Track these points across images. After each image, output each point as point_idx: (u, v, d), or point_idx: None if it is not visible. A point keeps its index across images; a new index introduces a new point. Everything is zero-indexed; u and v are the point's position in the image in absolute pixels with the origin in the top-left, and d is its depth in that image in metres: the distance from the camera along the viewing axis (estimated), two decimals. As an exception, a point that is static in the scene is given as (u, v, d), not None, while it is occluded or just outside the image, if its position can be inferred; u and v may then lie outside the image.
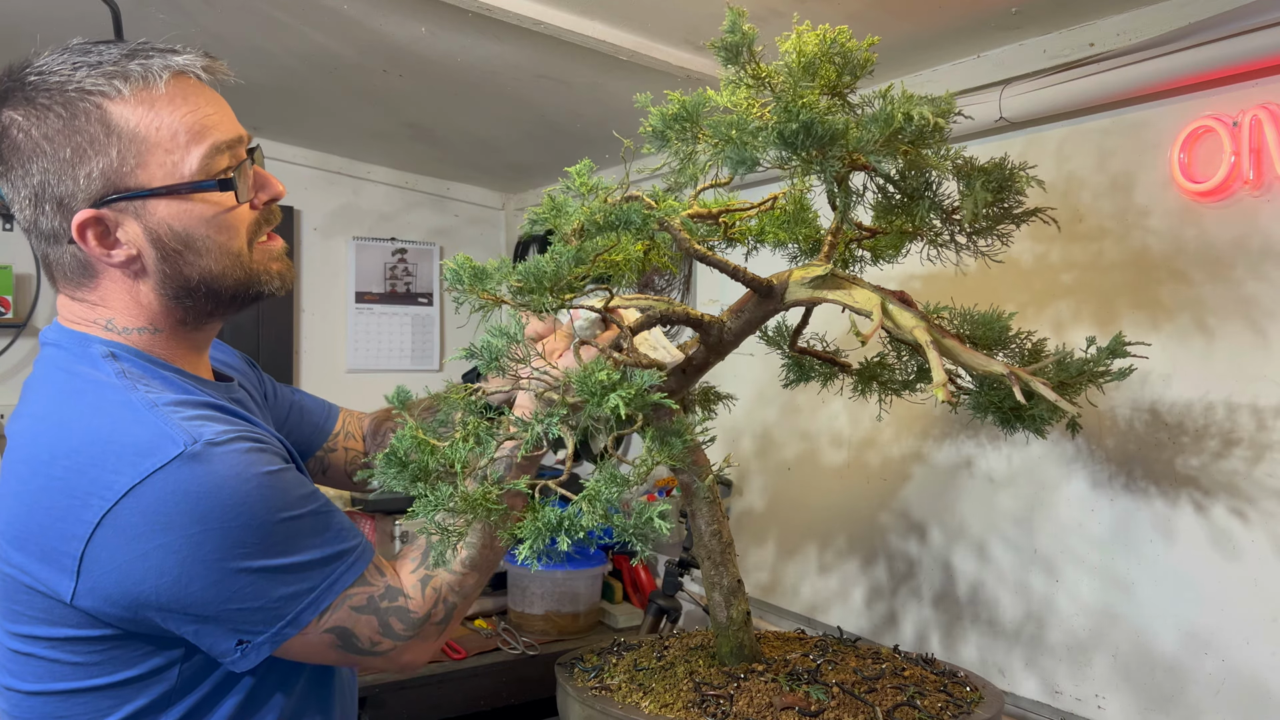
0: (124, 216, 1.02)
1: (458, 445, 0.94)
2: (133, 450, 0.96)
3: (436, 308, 3.39)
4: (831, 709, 1.17)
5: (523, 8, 1.79)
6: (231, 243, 1.07)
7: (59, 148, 0.99)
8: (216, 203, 1.04)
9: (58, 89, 1.00)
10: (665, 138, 1.02)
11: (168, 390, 1.04)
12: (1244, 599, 1.42)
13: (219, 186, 1.03)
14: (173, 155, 1.01)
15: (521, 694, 2.36)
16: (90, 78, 1.00)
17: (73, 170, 1.00)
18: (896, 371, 1.49)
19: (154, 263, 1.04)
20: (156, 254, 1.04)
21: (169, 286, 1.06)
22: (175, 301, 1.07)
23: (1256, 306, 1.42)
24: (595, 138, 2.57)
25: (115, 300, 1.07)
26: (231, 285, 1.08)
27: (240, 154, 1.07)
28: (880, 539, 2.02)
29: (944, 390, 0.88)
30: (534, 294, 0.94)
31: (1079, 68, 1.58)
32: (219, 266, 1.06)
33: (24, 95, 1.01)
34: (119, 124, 1.00)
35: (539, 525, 0.91)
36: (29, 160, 1.01)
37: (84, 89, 0.99)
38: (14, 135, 1.01)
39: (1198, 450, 1.48)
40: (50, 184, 1.01)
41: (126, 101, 1.00)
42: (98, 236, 1.02)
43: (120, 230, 1.02)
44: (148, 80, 1.01)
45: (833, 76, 1.02)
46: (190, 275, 1.05)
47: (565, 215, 1.02)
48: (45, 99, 1.00)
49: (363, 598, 1.07)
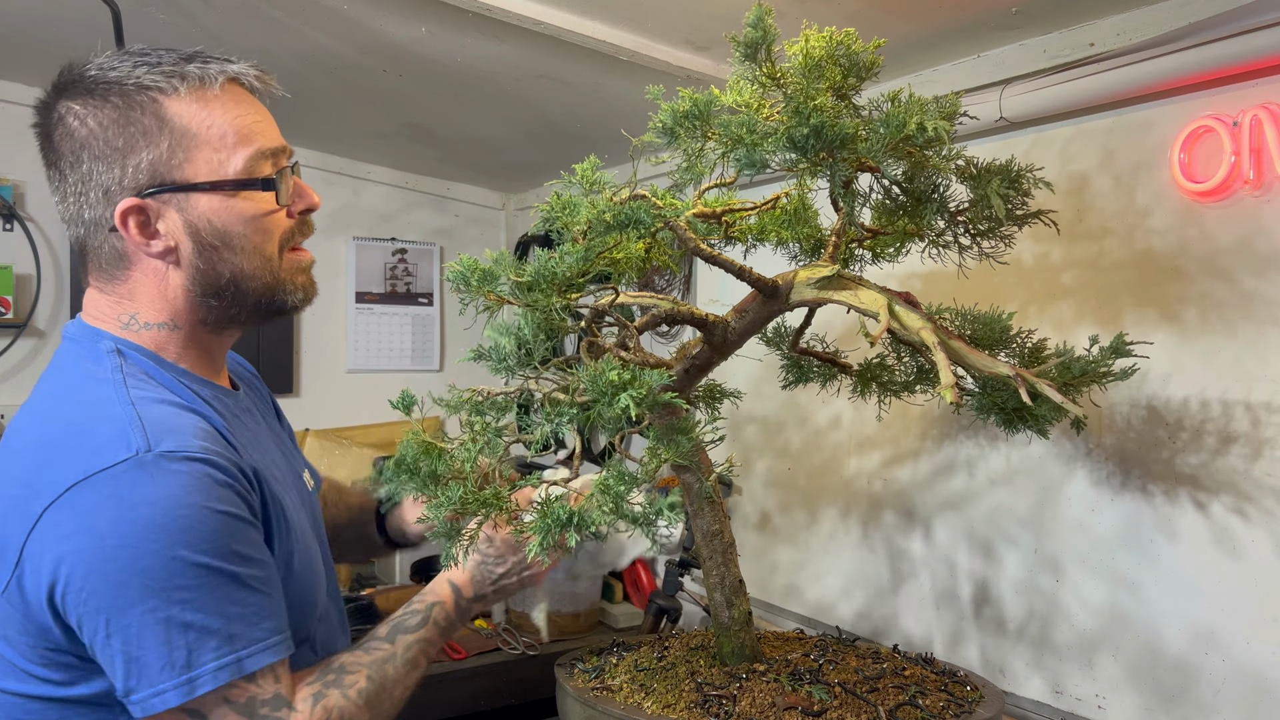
0: (166, 208, 1.05)
1: (467, 445, 0.94)
2: (90, 447, 0.95)
3: (437, 308, 3.39)
4: (834, 709, 1.17)
5: (523, 8, 1.79)
6: (265, 245, 1.09)
7: (112, 137, 1.03)
8: (256, 204, 1.08)
9: (117, 83, 1.03)
10: (675, 134, 1.02)
11: (163, 390, 1.04)
12: (1245, 598, 1.43)
13: (262, 186, 1.07)
14: (220, 154, 1.05)
15: (521, 694, 2.36)
16: (149, 75, 1.04)
17: (123, 159, 1.03)
18: (896, 373, 1.49)
19: (189, 256, 1.07)
20: (194, 247, 1.06)
21: (199, 282, 1.08)
22: (201, 299, 1.09)
23: (1257, 306, 1.42)
24: (595, 138, 2.57)
25: (143, 293, 1.09)
26: (258, 288, 1.10)
27: (282, 162, 1.11)
28: (881, 539, 2.02)
29: (952, 392, 0.88)
30: (541, 293, 0.94)
31: (1079, 67, 1.58)
32: (250, 267, 1.08)
33: (84, 87, 1.04)
34: (172, 119, 1.04)
35: (549, 521, 0.91)
36: (81, 148, 1.04)
37: (142, 84, 1.03)
38: (70, 123, 1.05)
39: (1197, 449, 1.49)
40: (99, 171, 1.04)
41: (182, 99, 1.04)
42: (139, 225, 1.04)
43: (161, 221, 1.05)
44: (204, 81, 1.05)
45: (838, 78, 1.02)
46: (222, 272, 1.08)
47: (574, 213, 1.02)
48: (104, 90, 1.03)
49: (244, 695, 0.98)
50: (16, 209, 2.70)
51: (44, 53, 2.45)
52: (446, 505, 0.96)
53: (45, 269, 2.76)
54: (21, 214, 2.71)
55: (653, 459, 0.96)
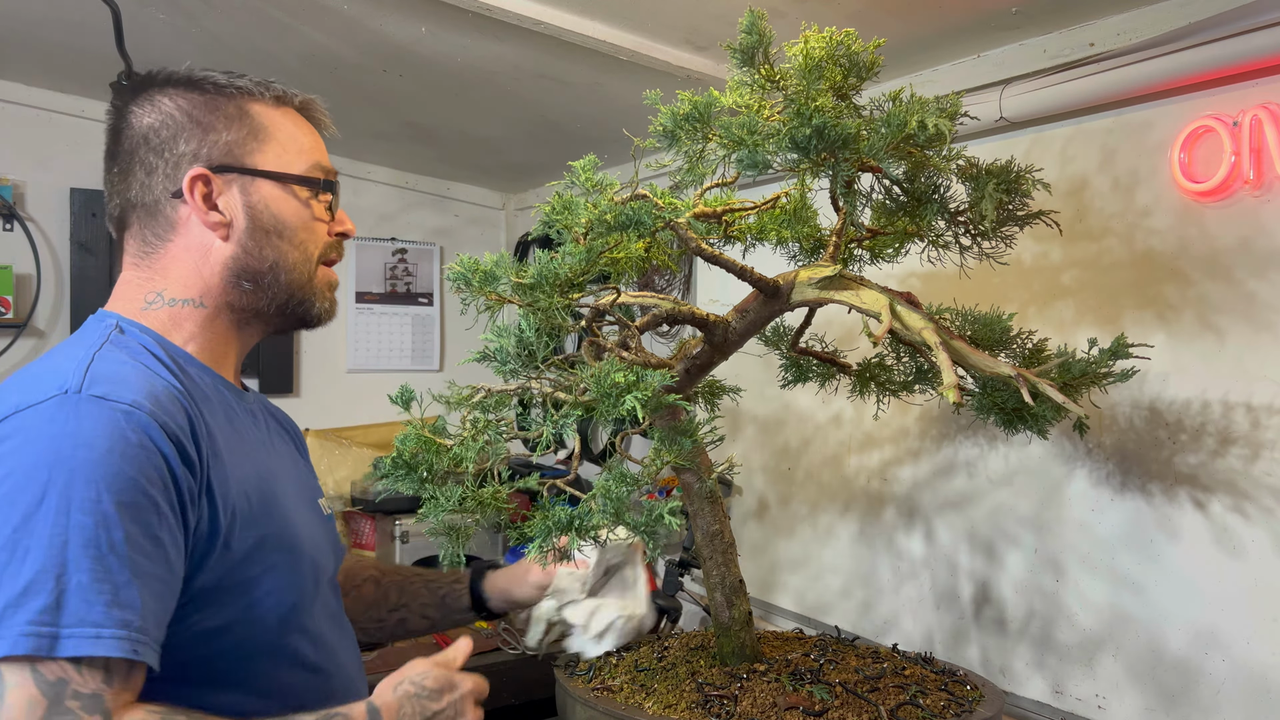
0: (230, 186, 1.13)
1: (467, 444, 0.94)
2: (30, 388, 0.95)
3: (437, 308, 3.39)
4: (835, 708, 1.17)
5: (523, 8, 1.79)
6: (309, 244, 1.17)
7: (199, 115, 1.14)
8: (309, 207, 1.17)
9: (213, 81, 1.16)
10: (675, 137, 1.02)
11: (148, 360, 1.03)
12: (1245, 598, 1.43)
13: (322, 186, 1.18)
14: (287, 153, 1.17)
15: (521, 694, 2.36)
16: (241, 81, 1.17)
17: (203, 134, 1.13)
18: (895, 372, 1.49)
19: (240, 234, 1.13)
20: (248, 226, 1.13)
21: (241, 263, 1.13)
22: (236, 280, 1.13)
23: (1257, 306, 1.42)
24: (595, 137, 2.57)
25: (178, 266, 1.13)
26: (292, 283, 1.16)
27: (334, 183, 1.22)
28: (881, 539, 2.02)
29: (954, 392, 0.88)
30: (543, 294, 0.94)
31: (1079, 67, 1.58)
32: (293, 259, 1.15)
33: (189, 81, 1.16)
34: (253, 114, 1.16)
35: (549, 524, 0.91)
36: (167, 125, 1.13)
37: (235, 84, 1.17)
38: (165, 105, 1.15)
39: (1196, 449, 1.49)
40: (180, 142, 1.12)
41: (264, 102, 1.17)
42: (203, 195, 1.12)
43: (223, 197, 1.13)
44: (283, 97, 1.20)
45: (839, 78, 1.02)
46: (267, 256, 1.14)
47: (575, 214, 1.02)
48: (201, 83, 1.16)
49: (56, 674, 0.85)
50: (16, 209, 2.70)
51: (44, 53, 2.45)
52: (446, 504, 0.96)
53: (45, 269, 2.76)
54: (21, 214, 2.71)
55: (656, 461, 0.96)
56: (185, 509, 0.96)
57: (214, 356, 1.14)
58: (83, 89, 2.72)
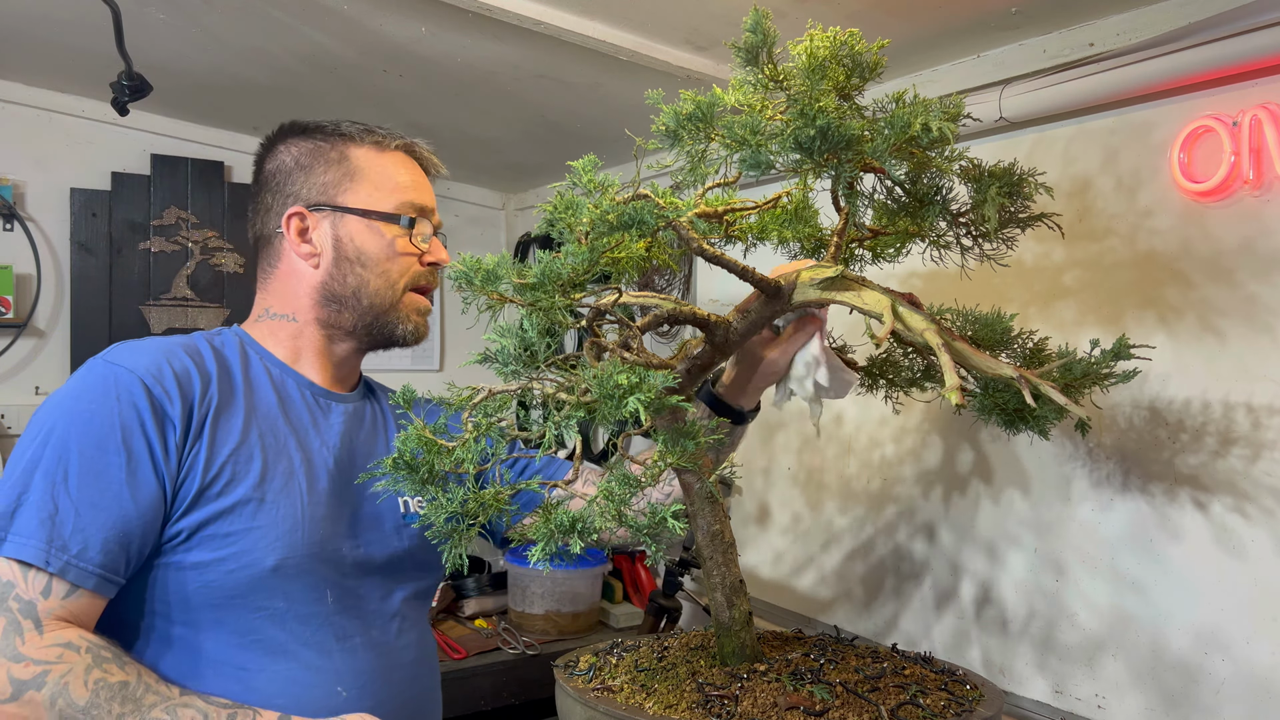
0: (323, 221, 1.31)
1: (469, 445, 0.94)
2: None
3: (437, 308, 3.39)
4: (836, 708, 1.17)
5: (523, 8, 1.79)
6: (392, 272, 1.31)
7: (305, 161, 1.32)
8: (393, 240, 1.31)
9: (322, 129, 1.35)
10: (678, 136, 1.02)
11: (198, 346, 1.25)
12: (1246, 598, 1.43)
13: (400, 221, 1.31)
14: (378, 192, 1.31)
15: (521, 694, 2.36)
16: (348, 127, 1.34)
17: (305, 176, 1.31)
18: (903, 370, 1.49)
19: (328, 263, 1.30)
20: (334, 256, 1.30)
21: (328, 287, 1.31)
22: (324, 301, 1.31)
23: (1258, 306, 1.42)
24: (595, 137, 2.57)
25: (279, 287, 1.34)
26: (374, 306, 1.31)
27: (429, 219, 1.35)
28: (881, 539, 2.02)
29: (957, 394, 0.88)
30: (545, 294, 0.94)
31: (1079, 67, 1.59)
32: (374, 284, 1.30)
33: (302, 130, 1.35)
34: (351, 158, 1.32)
35: (552, 528, 0.91)
36: (281, 169, 1.33)
37: (339, 131, 1.34)
38: (281, 154, 1.34)
39: (1197, 449, 1.49)
40: (289, 182, 1.32)
41: (364, 147, 1.33)
42: (298, 230, 1.30)
43: (315, 231, 1.31)
44: (383, 141, 1.35)
45: (841, 78, 1.02)
46: (350, 282, 1.30)
47: (576, 213, 1.02)
48: (313, 132, 1.35)
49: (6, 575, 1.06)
50: (16, 209, 2.70)
51: (44, 53, 2.45)
52: (447, 505, 0.96)
53: (45, 269, 2.76)
54: (21, 214, 2.71)
55: (659, 463, 0.96)
56: (161, 457, 1.14)
57: (297, 358, 1.33)
58: (83, 89, 2.72)
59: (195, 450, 1.17)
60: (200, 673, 1.16)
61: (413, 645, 1.34)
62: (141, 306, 2.89)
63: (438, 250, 1.36)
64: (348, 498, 1.30)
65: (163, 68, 2.25)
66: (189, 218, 2.95)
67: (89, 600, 1.09)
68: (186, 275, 2.95)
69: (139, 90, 2.08)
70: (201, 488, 1.16)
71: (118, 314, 2.85)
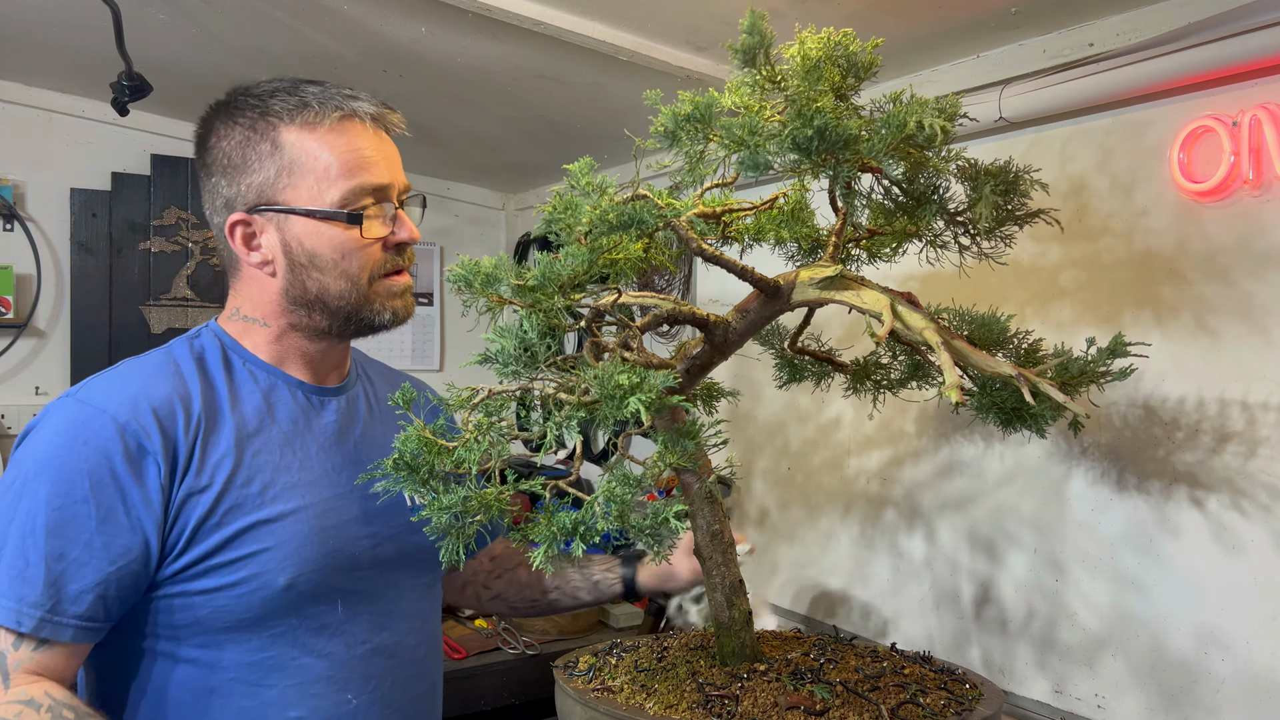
0: (268, 225, 1.19)
1: (471, 444, 0.94)
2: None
3: (437, 308, 3.39)
4: (836, 708, 1.17)
5: (523, 8, 1.79)
6: (352, 269, 1.19)
7: (236, 157, 1.18)
8: (346, 233, 1.18)
9: (250, 109, 1.19)
10: (676, 137, 1.02)
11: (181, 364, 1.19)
12: (1245, 597, 1.43)
13: (347, 220, 1.17)
14: (321, 184, 1.17)
15: (521, 694, 2.36)
16: (276, 103, 1.18)
17: (240, 177, 1.18)
18: (891, 371, 1.49)
19: (283, 270, 1.20)
20: (286, 263, 1.19)
21: (289, 294, 1.21)
22: (292, 307, 1.22)
23: (1254, 305, 1.42)
24: (595, 138, 2.58)
25: (246, 291, 1.24)
26: (345, 308, 1.21)
27: (388, 196, 1.20)
28: (881, 539, 2.02)
29: (957, 392, 0.88)
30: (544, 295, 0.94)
31: (1078, 67, 1.59)
32: (336, 287, 1.20)
33: (228, 111, 1.20)
34: (285, 146, 1.17)
35: (554, 529, 0.91)
36: (214, 163, 1.20)
37: (268, 111, 1.18)
38: (211, 141, 1.21)
39: (1193, 447, 1.49)
40: (223, 185, 1.20)
41: (297, 129, 1.17)
42: (244, 237, 1.20)
43: (263, 236, 1.19)
44: (318, 115, 1.17)
45: (837, 79, 1.02)
46: (309, 288, 1.20)
47: (576, 214, 1.02)
48: (239, 114, 1.19)
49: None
50: (16, 209, 2.70)
51: (44, 53, 2.45)
52: (449, 505, 0.96)
53: (45, 269, 2.76)
54: (21, 214, 2.71)
55: (659, 464, 0.96)
56: (140, 503, 1.08)
57: (282, 360, 1.26)
58: (83, 89, 2.72)
59: (185, 485, 1.11)
60: (211, 688, 1.15)
61: (422, 642, 1.33)
62: (141, 306, 2.89)
63: (404, 228, 1.23)
64: (355, 497, 1.26)
65: (163, 68, 2.25)
66: (189, 218, 2.95)
67: (66, 650, 1.07)
68: (186, 275, 2.95)
69: (139, 90, 2.08)
70: (200, 521, 1.12)
71: (118, 314, 2.85)
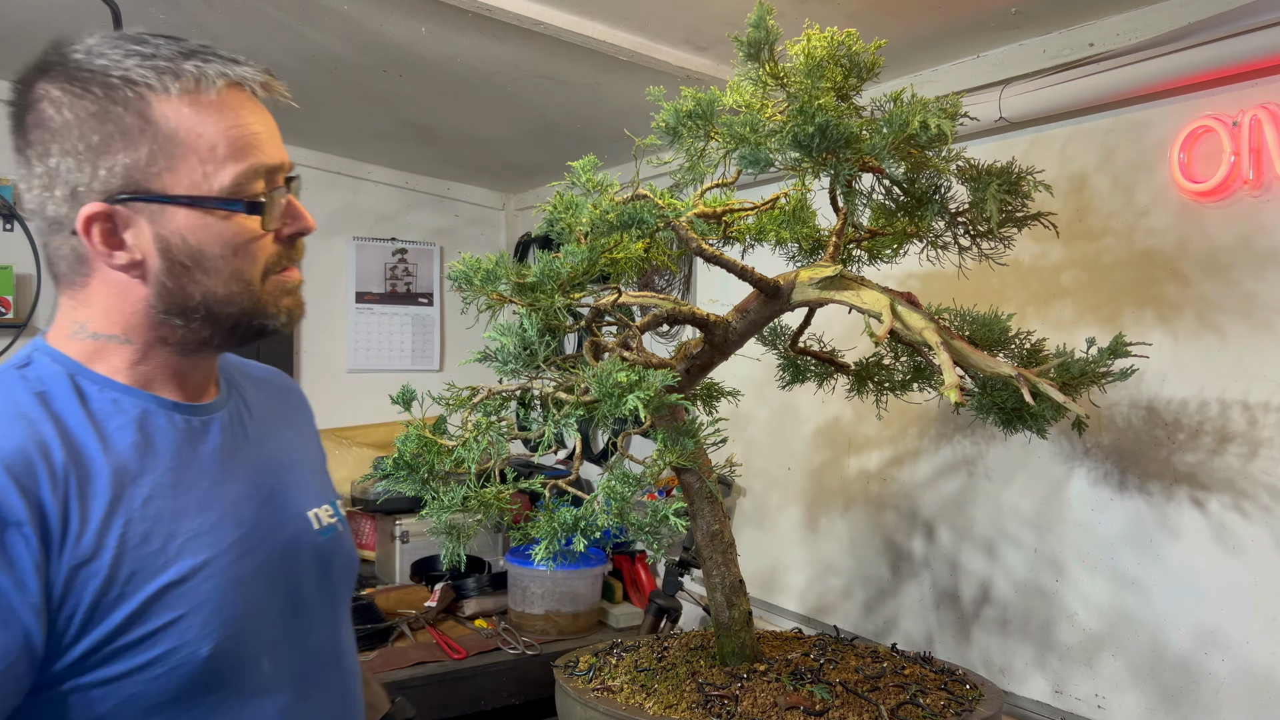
0: (137, 218, 0.94)
1: (470, 444, 0.94)
2: None
3: (437, 308, 3.39)
4: (836, 708, 1.17)
5: (523, 8, 1.79)
6: (245, 269, 0.98)
7: (87, 132, 0.92)
8: (240, 225, 0.96)
9: (101, 72, 0.93)
10: (677, 134, 1.02)
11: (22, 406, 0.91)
12: (1245, 597, 1.43)
13: (247, 209, 0.96)
14: (207, 166, 0.94)
15: (521, 694, 2.36)
16: (140, 68, 0.94)
17: (95, 158, 0.92)
18: (894, 372, 1.49)
19: (157, 273, 0.95)
20: (163, 265, 0.95)
21: (165, 301, 0.96)
22: (166, 318, 0.97)
23: (1255, 305, 1.42)
24: (595, 137, 2.58)
25: (98, 301, 0.97)
26: (234, 314, 0.98)
27: (277, 181, 0.99)
28: (881, 539, 2.02)
29: (956, 392, 0.88)
30: (544, 293, 0.94)
31: (1079, 67, 1.59)
32: (225, 291, 0.97)
33: (65, 71, 0.94)
34: (158, 120, 0.93)
35: (554, 526, 0.91)
36: (53, 139, 0.93)
37: (130, 78, 0.93)
38: (44, 110, 0.94)
39: (1195, 447, 1.49)
40: (68, 168, 0.93)
41: (173, 100, 0.93)
42: (104, 234, 0.93)
43: (129, 231, 0.94)
44: (200, 84, 0.94)
45: (839, 78, 1.02)
46: (193, 294, 0.96)
47: (577, 213, 1.02)
48: (86, 78, 0.93)
49: None
50: (17, 209, 2.70)
51: (44, 53, 2.45)
52: (449, 504, 0.96)
53: (45, 269, 2.76)
54: (22, 214, 2.71)
55: (658, 462, 0.96)
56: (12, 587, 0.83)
57: (149, 383, 1.00)
58: (83, 89, 2.72)
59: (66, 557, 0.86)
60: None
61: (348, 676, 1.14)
62: (142, 306, 2.89)
63: (297, 217, 1.01)
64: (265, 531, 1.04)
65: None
66: (189, 218, 2.95)
67: None
68: (186, 275, 2.95)
69: (139, 90, 2.07)
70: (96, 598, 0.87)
71: (118, 314, 2.85)
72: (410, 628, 2.46)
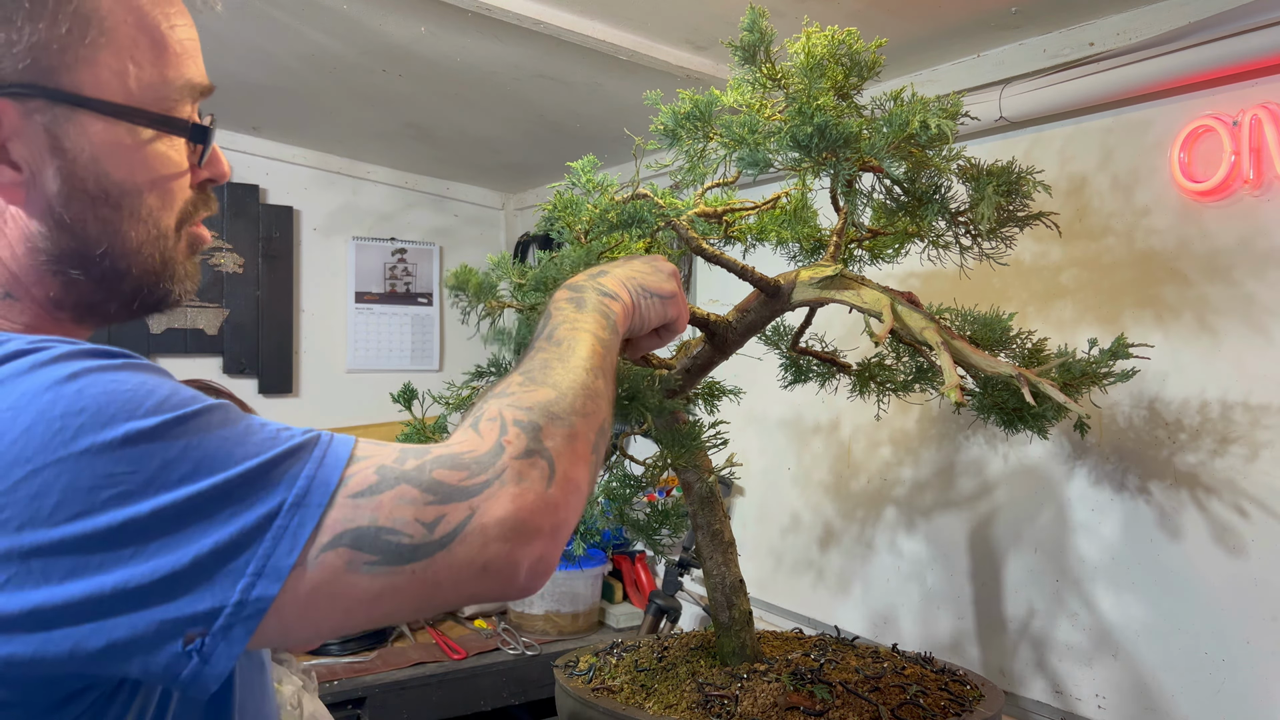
0: (31, 119, 0.67)
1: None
2: None
3: (436, 308, 3.39)
4: (836, 708, 1.17)
5: (523, 8, 1.79)
6: (163, 214, 0.74)
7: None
8: (162, 154, 0.73)
9: None
10: (676, 136, 1.02)
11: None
12: (1245, 597, 1.43)
13: (190, 135, 0.74)
14: (139, 68, 0.70)
15: (521, 694, 2.37)
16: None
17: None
18: (896, 372, 1.49)
19: (49, 200, 0.69)
20: (61, 191, 0.69)
21: (59, 244, 0.70)
22: (59, 267, 0.71)
23: (1256, 305, 1.42)
24: (595, 137, 2.58)
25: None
26: (139, 272, 0.74)
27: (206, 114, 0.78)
28: (881, 539, 2.02)
29: (956, 392, 0.88)
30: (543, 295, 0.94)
31: (1079, 67, 1.59)
32: (137, 239, 0.73)
33: None
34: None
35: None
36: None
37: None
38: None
39: (1196, 448, 1.49)
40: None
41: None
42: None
43: (18, 140, 0.67)
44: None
45: (840, 78, 1.02)
46: (95, 238, 0.71)
47: (576, 212, 1.02)
48: None
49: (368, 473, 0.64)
50: (16, 209, 2.70)
51: (43, 53, 2.44)
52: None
53: (45, 269, 2.76)
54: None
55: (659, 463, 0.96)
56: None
57: None
58: (82, 89, 2.71)
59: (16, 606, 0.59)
60: None
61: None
62: (141, 306, 2.88)
63: (219, 163, 0.79)
64: None
65: None
66: (189, 218, 2.94)
67: None
68: (186, 275, 2.95)
69: (138, 90, 2.07)
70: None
71: (117, 314, 2.84)
72: (410, 628, 2.46)
